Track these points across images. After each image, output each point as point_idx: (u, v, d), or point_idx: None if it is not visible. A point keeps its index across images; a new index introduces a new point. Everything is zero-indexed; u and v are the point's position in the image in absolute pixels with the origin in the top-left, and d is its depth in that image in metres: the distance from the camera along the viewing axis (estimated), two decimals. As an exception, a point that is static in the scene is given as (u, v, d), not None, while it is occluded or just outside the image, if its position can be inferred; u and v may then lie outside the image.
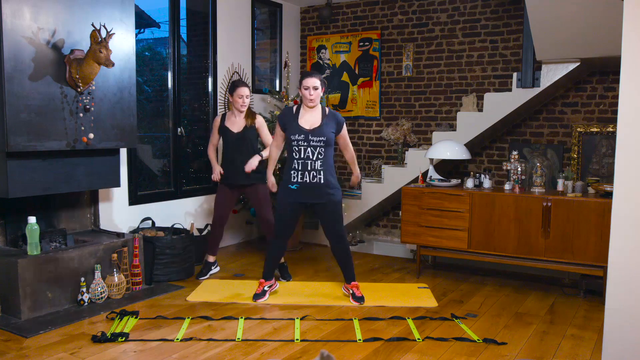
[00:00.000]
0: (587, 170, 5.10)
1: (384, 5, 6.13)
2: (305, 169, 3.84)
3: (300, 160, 3.84)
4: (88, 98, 3.81)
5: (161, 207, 5.10)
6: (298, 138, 3.82)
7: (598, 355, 3.11)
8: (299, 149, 3.83)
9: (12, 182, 3.51)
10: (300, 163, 3.85)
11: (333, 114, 3.95)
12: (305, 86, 3.83)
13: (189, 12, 5.52)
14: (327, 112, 3.94)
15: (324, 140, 3.81)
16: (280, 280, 4.55)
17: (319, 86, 3.84)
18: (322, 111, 3.92)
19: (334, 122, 3.91)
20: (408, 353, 3.14)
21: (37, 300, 3.57)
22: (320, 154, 3.84)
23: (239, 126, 4.55)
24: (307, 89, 3.82)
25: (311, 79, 3.82)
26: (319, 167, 3.83)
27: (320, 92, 3.86)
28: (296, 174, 3.86)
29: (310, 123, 3.85)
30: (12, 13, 3.36)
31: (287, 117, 3.91)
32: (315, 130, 3.82)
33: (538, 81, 4.81)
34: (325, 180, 3.85)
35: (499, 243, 4.43)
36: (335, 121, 3.92)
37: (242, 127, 4.55)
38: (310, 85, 3.81)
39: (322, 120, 3.87)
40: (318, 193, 3.86)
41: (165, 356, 3.05)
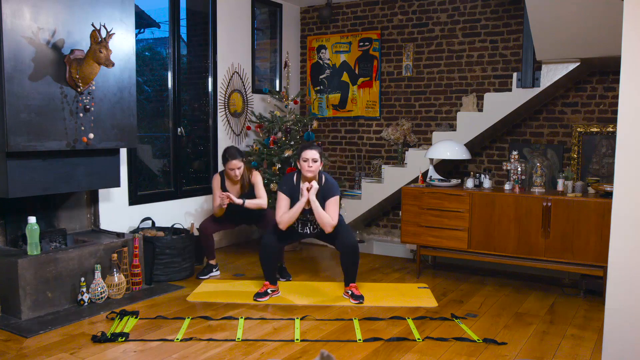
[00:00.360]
0: (587, 170, 5.10)
1: (384, 5, 6.13)
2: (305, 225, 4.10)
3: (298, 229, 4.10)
4: (88, 98, 3.81)
5: (161, 207, 5.10)
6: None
7: (598, 355, 3.11)
8: (297, 223, 4.07)
9: (12, 182, 3.51)
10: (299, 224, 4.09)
11: (330, 186, 3.99)
12: (305, 158, 3.89)
13: (189, 12, 5.52)
14: (324, 181, 4.01)
15: None
16: (280, 280, 4.55)
17: (318, 159, 3.89)
18: (318, 181, 4.00)
19: (328, 191, 3.97)
20: (408, 353, 3.14)
21: (37, 300, 3.57)
22: (317, 228, 4.07)
23: (237, 192, 4.64)
24: (307, 161, 3.89)
25: (311, 151, 3.88)
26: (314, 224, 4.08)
27: (319, 165, 3.92)
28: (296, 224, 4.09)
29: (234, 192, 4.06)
30: (12, 13, 3.36)
31: (290, 188, 4.00)
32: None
33: (538, 81, 4.81)
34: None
35: (499, 243, 4.43)
36: (329, 191, 3.97)
37: (240, 193, 4.65)
38: (309, 157, 3.88)
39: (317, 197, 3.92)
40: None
41: (165, 356, 3.05)
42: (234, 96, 5.82)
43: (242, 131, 5.95)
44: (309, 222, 4.06)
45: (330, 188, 3.99)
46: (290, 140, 5.55)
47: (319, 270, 4.96)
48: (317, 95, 6.60)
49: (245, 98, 5.97)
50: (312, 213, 3.95)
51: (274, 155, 5.47)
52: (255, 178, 4.65)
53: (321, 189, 3.98)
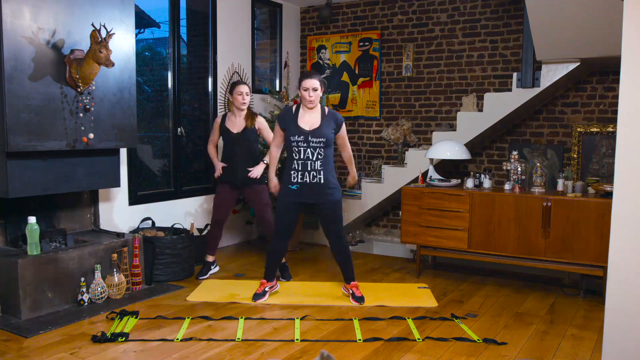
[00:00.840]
0: (587, 170, 5.10)
1: (384, 5, 6.13)
2: (305, 169, 3.84)
3: (300, 161, 3.85)
4: (88, 98, 3.81)
5: (161, 207, 5.10)
6: (298, 139, 3.82)
7: (598, 355, 3.11)
8: (299, 150, 3.84)
9: (12, 182, 3.51)
10: (300, 163, 3.85)
11: (332, 114, 3.95)
12: (305, 87, 3.83)
13: (189, 12, 5.52)
14: (327, 112, 3.94)
15: (323, 140, 3.82)
16: (281, 280, 4.55)
17: (318, 87, 3.84)
18: (321, 111, 3.92)
19: (333, 121, 3.91)
20: (408, 353, 3.14)
21: (37, 300, 3.57)
22: (320, 154, 3.84)
23: (238, 127, 4.56)
24: (307, 90, 3.82)
25: (310, 80, 3.83)
26: (318, 167, 3.84)
27: (319, 93, 3.86)
28: (296, 174, 3.86)
29: (310, 124, 3.85)
30: (12, 13, 3.36)
31: (287, 118, 3.91)
32: (314, 130, 3.83)
33: (538, 81, 4.81)
34: (325, 180, 3.86)
35: (499, 243, 4.43)
36: (334, 121, 3.92)
37: (242, 128, 4.55)
38: (309, 86, 3.82)
39: (321, 121, 3.87)
40: (318, 193, 3.87)
41: (165, 356, 3.05)
42: (234, 96, 5.81)
43: (242, 131, 5.94)
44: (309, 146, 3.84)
45: (336, 116, 3.94)
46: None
47: (319, 270, 4.96)
48: (317, 95, 6.59)
49: (245, 98, 5.96)
50: (314, 135, 3.80)
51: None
52: (260, 121, 4.61)
53: (329, 114, 3.91)
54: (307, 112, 3.89)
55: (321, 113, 3.91)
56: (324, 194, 3.87)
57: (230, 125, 4.58)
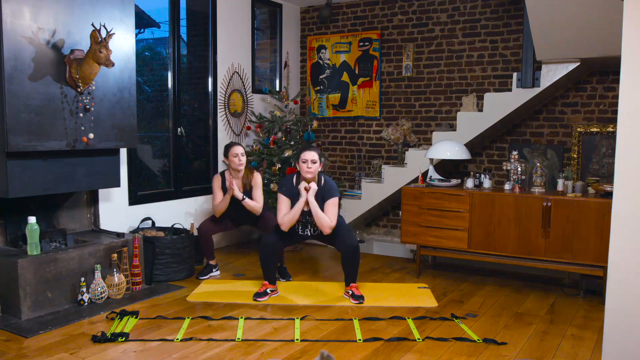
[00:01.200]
0: (587, 170, 5.10)
1: (384, 5, 6.13)
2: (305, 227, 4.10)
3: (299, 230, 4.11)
4: (88, 98, 3.81)
5: (161, 207, 5.10)
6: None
7: (598, 355, 3.11)
8: (297, 225, 4.07)
9: (12, 182, 3.51)
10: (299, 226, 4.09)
11: (329, 187, 4.02)
12: (304, 159, 3.92)
13: (189, 12, 5.52)
14: (323, 182, 4.03)
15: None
16: (280, 280, 4.55)
17: (317, 160, 3.92)
18: (318, 183, 4.01)
19: (327, 192, 3.99)
20: (408, 353, 3.14)
21: (37, 300, 3.57)
22: (316, 229, 4.06)
23: (238, 189, 4.60)
24: (306, 162, 3.91)
25: (310, 152, 3.92)
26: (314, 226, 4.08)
27: (318, 167, 3.95)
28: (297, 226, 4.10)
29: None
30: (12, 13, 3.36)
31: (290, 190, 4.02)
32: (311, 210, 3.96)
33: (538, 81, 4.81)
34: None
35: (499, 243, 4.43)
36: (328, 192, 3.99)
37: (241, 191, 4.62)
38: (308, 158, 3.91)
39: (316, 198, 3.95)
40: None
41: (165, 356, 3.05)
42: (234, 96, 5.82)
43: (242, 131, 5.95)
44: (309, 224, 4.06)
45: (329, 189, 4.00)
46: (290, 140, 5.55)
47: (319, 270, 4.96)
48: (317, 95, 6.60)
49: (245, 98, 5.97)
50: (312, 215, 3.96)
51: (274, 155, 5.47)
52: (256, 180, 4.65)
53: (320, 190, 3.99)
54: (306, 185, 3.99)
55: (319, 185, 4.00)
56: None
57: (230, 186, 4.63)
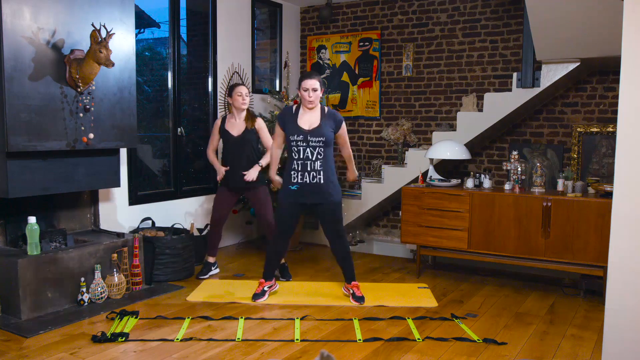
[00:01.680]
0: (587, 170, 5.10)
1: (384, 5, 6.13)
2: (305, 169, 3.84)
3: (300, 161, 3.85)
4: (88, 98, 3.81)
5: (161, 207, 5.10)
6: (297, 138, 3.82)
7: (598, 355, 3.11)
8: (298, 149, 3.84)
9: (12, 182, 3.51)
10: (299, 164, 3.85)
11: (332, 114, 3.95)
12: (305, 88, 3.84)
13: (189, 12, 5.52)
14: (327, 111, 3.94)
15: (323, 140, 3.82)
16: (281, 280, 4.55)
17: (318, 88, 3.84)
18: (321, 111, 3.93)
19: (332, 121, 3.91)
20: (408, 353, 3.14)
21: (37, 300, 3.57)
22: (320, 154, 3.84)
23: (239, 129, 4.55)
24: (307, 91, 3.83)
25: (310, 80, 3.83)
26: (318, 167, 3.84)
27: (319, 94, 3.87)
28: (296, 174, 3.86)
29: (310, 123, 3.85)
30: (12, 13, 3.36)
31: (287, 117, 3.92)
32: (314, 130, 3.83)
33: (538, 81, 4.81)
34: (325, 181, 3.85)
35: (499, 243, 4.43)
36: (334, 120, 3.92)
37: (242, 130, 4.54)
38: (309, 86, 3.82)
39: (321, 121, 3.87)
40: (318, 193, 3.86)
41: (165, 356, 3.05)
42: (234, 96, 5.81)
43: (242, 131, 5.94)
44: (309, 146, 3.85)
45: (336, 115, 3.93)
46: (290, 140, 5.54)
47: (319, 270, 4.96)
48: (317, 95, 6.59)
49: (245, 98, 5.96)
50: (313, 135, 3.81)
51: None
52: (259, 124, 4.60)
53: (328, 114, 3.91)
54: (307, 112, 3.90)
55: (321, 113, 3.91)
56: (324, 195, 3.87)
57: (230, 127, 4.57)
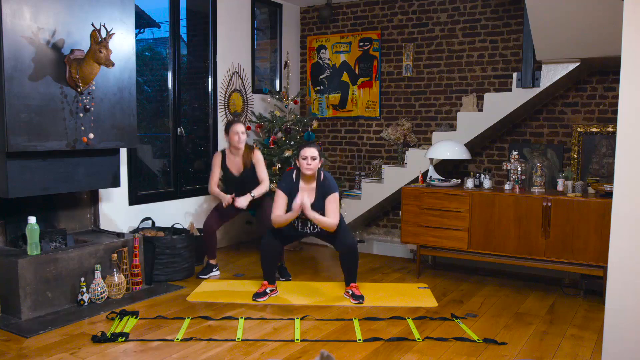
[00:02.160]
0: (587, 170, 5.10)
1: (384, 5, 6.13)
2: (305, 225, 4.06)
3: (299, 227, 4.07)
4: (88, 98, 3.81)
5: (161, 207, 5.10)
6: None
7: (598, 355, 3.11)
8: (297, 221, 4.02)
9: (12, 182, 3.51)
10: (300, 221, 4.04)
11: (328, 184, 4.01)
12: (304, 156, 3.92)
13: (189, 12, 5.52)
14: (322, 177, 4.03)
15: (320, 213, 3.93)
16: (280, 280, 4.55)
17: (317, 157, 3.92)
18: (317, 180, 4.00)
19: (326, 189, 3.98)
20: (408, 353, 3.14)
21: (37, 300, 3.57)
22: (316, 227, 4.01)
23: (238, 169, 4.62)
24: (305, 159, 3.91)
25: (309, 149, 3.92)
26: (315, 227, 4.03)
27: (318, 163, 3.95)
28: (297, 222, 4.04)
29: (307, 194, 3.96)
30: (12, 13, 3.36)
31: (289, 186, 4.00)
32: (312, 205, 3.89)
33: (538, 81, 4.81)
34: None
35: (499, 243, 4.43)
36: (328, 188, 3.98)
37: (241, 170, 4.61)
38: (308, 155, 3.90)
39: (316, 195, 3.97)
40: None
41: (165, 356, 3.05)
42: (234, 96, 5.82)
43: (242, 131, 5.95)
44: (309, 221, 4.04)
45: (329, 185, 4.00)
46: (290, 140, 5.55)
47: (319, 270, 4.95)
48: (317, 95, 6.60)
49: (245, 98, 5.97)
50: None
51: (274, 155, 5.47)
52: (257, 156, 4.62)
53: (320, 186, 3.99)
54: (306, 185, 4.00)
55: (316, 183, 3.99)
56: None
57: (230, 165, 4.63)
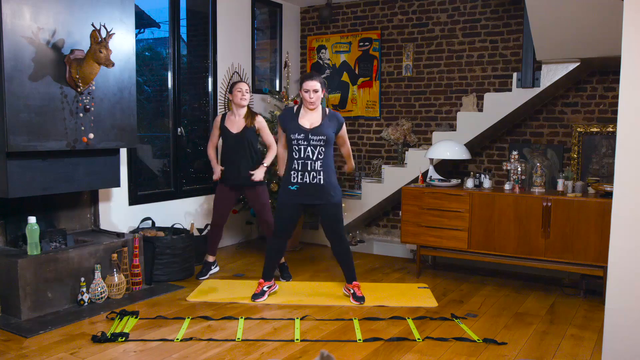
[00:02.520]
0: (587, 170, 5.10)
1: (384, 5, 6.13)
2: (305, 169, 3.83)
3: (300, 160, 3.84)
4: (88, 98, 3.81)
5: (161, 207, 5.10)
6: (298, 137, 3.82)
7: (598, 355, 3.11)
8: (299, 148, 3.83)
9: (12, 182, 3.51)
10: (300, 163, 3.84)
11: (333, 114, 3.96)
12: (306, 89, 3.84)
13: (189, 12, 5.52)
14: (328, 112, 3.95)
15: (323, 139, 3.81)
16: (280, 280, 4.55)
17: (319, 89, 3.85)
18: (322, 112, 3.93)
19: (334, 121, 3.92)
20: (408, 353, 3.14)
21: (37, 300, 3.57)
22: (320, 153, 3.84)
23: (238, 127, 4.54)
24: (307, 92, 3.83)
25: (311, 81, 3.84)
26: (318, 168, 3.83)
27: (320, 95, 3.87)
28: (296, 174, 3.85)
29: (310, 122, 3.86)
30: (12, 13, 3.36)
31: (287, 117, 3.92)
32: (315, 129, 3.83)
33: (538, 81, 4.81)
34: (326, 181, 3.85)
35: (499, 243, 4.43)
36: (335, 120, 3.93)
37: (241, 127, 4.54)
38: (310, 88, 3.83)
39: (322, 120, 3.88)
40: (318, 194, 3.86)
41: (165, 356, 3.05)
42: (234, 96, 5.81)
43: (242, 131, 5.95)
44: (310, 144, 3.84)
45: (338, 120, 3.95)
46: (290, 140, 5.54)
47: (319, 270, 4.96)
48: (317, 95, 6.59)
49: (245, 98, 5.96)
50: (314, 133, 3.82)
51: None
52: (260, 122, 4.59)
53: (327, 119, 3.90)
54: (308, 112, 3.90)
55: (322, 113, 3.92)
56: (325, 196, 3.86)
57: (229, 124, 4.57)
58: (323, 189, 3.85)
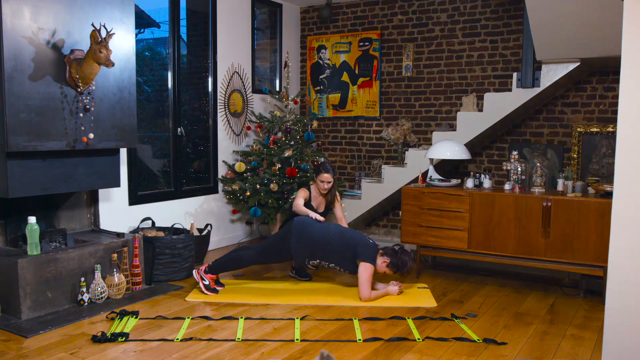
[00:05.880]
0: (587, 170, 5.10)
1: (384, 5, 6.13)
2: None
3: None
4: (88, 98, 3.81)
5: (161, 207, 5.10)
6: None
7: (598, 355, 3.11)
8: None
9: (12, 182, 3.51)
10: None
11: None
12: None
13: (189, 12, 5.52)
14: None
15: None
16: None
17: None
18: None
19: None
20: (408, 353, 3.14)
21: (37, 300, 3.57)
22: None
23: (318, 206, 4.61)
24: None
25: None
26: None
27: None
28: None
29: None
30: (12, 13, 3.36)
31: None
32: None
33: (538, 81, 4.81)
34: None
35: (499, 243, 4.43)
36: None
37: (323, 208, 4.64)
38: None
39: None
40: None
41: (165, 356, 3.05)
42: (234, 96, 5.82)
43: (242, 131, 5.95)
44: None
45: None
46: (290, 140, 5.54)
47: (320, 271, 4.95)
48: (317, 95, 6.60)
49: (245, 98, 5.97)
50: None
51: (274, 155, 5.47)
52: (339, 203, 4.70)
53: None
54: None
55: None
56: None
57: (314, 202, 4.59)
58: None
